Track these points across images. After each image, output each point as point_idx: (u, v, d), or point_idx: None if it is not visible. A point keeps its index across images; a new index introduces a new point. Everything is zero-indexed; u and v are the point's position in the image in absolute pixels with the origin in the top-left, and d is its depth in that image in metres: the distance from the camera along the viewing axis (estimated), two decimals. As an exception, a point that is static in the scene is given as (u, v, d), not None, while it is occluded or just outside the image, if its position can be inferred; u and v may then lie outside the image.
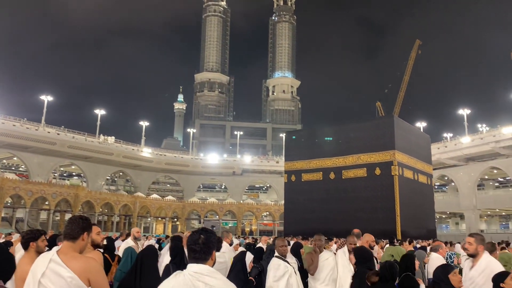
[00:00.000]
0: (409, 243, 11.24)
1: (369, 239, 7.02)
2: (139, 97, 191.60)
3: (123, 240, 10.94)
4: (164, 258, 6.58)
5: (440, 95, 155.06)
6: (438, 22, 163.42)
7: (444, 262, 8.41)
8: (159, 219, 56.72)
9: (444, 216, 63.53)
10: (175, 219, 58.17)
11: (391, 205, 23.63)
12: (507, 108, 74.45)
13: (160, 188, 65.90)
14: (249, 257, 6.55)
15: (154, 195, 56.01)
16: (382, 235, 15.70)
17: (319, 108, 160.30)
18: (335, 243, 11.97)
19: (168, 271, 5.27)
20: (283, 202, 34.05)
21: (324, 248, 6.63)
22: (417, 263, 5.56)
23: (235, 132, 73.63)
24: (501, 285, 3.90)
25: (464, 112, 54.09)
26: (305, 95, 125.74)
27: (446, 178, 57.49)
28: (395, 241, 12.34)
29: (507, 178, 51.70)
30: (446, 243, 13.76)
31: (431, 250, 8.87)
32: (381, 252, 10.36)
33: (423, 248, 10.12)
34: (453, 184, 56.58)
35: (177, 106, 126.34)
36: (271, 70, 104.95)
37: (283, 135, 39.82)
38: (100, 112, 54.18)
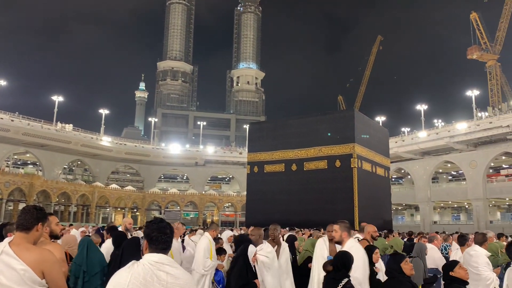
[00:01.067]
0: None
1: (371, 229, 6.71)
2: (100, 85, 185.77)
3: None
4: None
5: (400, 90, 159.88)
6: (399, 19, 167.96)
7: (439, 252, 8.69)
8: (119, 209, 55.61)
9: (400, 208, 65.90)
10: (135, 210, 57.25)
11: (350, 197, 24.25)
12: (462, 105, 77.69)
13: (119, 178, 64.51)
14: (252, 250, 6.11)
15: (114, 185, 54.82)
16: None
17: (283, 100, 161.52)
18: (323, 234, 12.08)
19: (118, 260, 5.12)
20: (245, 193, 34.19)
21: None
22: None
23: (198, 123, 72.99)
24: (451, 273, 4.09)
25: (421, 107, 56.06)
26: (270, 87, 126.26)
27: (402, 171, 59.52)
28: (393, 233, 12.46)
29: (459, 171, 54.12)
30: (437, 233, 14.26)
31: (428, 241, 9.09)
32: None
33: (410, 240, 10.12)
34: (409, 177, 58.69)
35: (138, 94, 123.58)
36: (236, 61, 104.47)
37: (246, 126, 39.85)
38: (57, 99, 52.25)
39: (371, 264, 5.07)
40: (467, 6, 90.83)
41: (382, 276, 5.23)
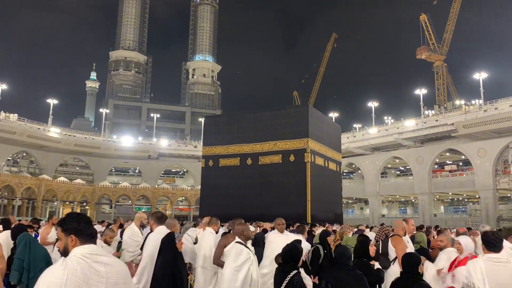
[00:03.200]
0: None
1: (403, 225, 6.27)
2: (48, 74, 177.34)
3: (119, 228, 10.23)
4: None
5: (352, 87, 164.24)
6: (354, 18, 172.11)
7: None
8: (67, 203, 53.51)
9: (350, 201, 67.88)
10: (85, 204, 55.34)
11: (303, 190, 24.65)
12: (410, 103, 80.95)
13: (68, 171, 62.02)
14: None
15: (62, 178, 52.58)
16: (294, 219, 16.27)
17: (239, 94, 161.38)
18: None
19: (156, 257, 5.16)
20: (200, 187, 33.90)
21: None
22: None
23: (152, 115, 71.43)
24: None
25: (372, 105, 57.90)
26: (226, 80, 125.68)
27: (353, 166, 61.30)
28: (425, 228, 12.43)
29: (407, 167, 56.43)
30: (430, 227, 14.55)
31: (426, 233, 9.18)
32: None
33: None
34: (359, 171, 60.55)
35: (89, 84, 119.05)
36: (192, 53, 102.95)
37: (202, 120, 39.45)
38: (1, 87, 49.37)
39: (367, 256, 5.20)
40: (417, 8, 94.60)
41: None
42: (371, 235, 9.97)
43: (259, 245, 7.55)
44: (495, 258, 4.03)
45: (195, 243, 7.64)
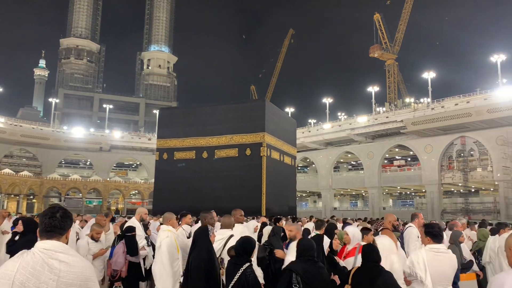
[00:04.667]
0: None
1: (392, 219, 6.59)
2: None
3: (111, 222, 9.80)
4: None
5: (308, 83, 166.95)
6: (310, 15, 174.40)
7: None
8: (12, 196, 50.95)
9: (304, 195, 69.18)
10: (31, 197, 52.92)
11: (258, 184, 24.87)
12: (363, 100, 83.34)
13: (14, 162, 58.90)
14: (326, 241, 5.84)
15: (7, 170, 49.89)
16: (249, 212, 16.40)
17: (196, 87, 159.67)
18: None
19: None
20: (153, 180, 33.34)
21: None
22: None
23: (104, 105, 69.25)
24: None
25: (327, 101, 59.19)
26: (182, 72, 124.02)
27: (308, 160, 62.44)
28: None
29: (358, 161, 58.19)
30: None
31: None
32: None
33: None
34: (313, 165, 61.80)
35: (37, 72, 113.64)
36: (147, 43, 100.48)
37: (157, 112, 38.69)
38: None
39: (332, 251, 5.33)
40: (372, 8, 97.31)
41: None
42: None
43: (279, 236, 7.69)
44: (436, 249, 4.29)
45: (188, 237, 7.57)
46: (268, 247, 5.80)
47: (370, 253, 4.18)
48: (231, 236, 5.53)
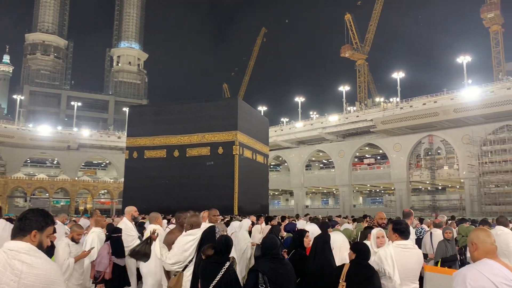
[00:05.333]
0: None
1: (378, 217, 6.63)
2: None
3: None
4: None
5: (281, 82, 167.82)
6: (284, 14, 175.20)
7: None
8: (-27, 197, 48.96)
9: (276, 193, 69.53)
10: (-6, 197, 51.00)
11: (231, 183, 24.80)
12: (334, 99, 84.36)
13: (-25, 162, 56.69)
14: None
15: (-33, 170, 48.00)
16: (222, 211, 16.30)
17: (167, 84, 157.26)
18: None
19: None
20: (123, 179, 32.73)
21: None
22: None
23: (72, 103, 67.49)
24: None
25: (299, 100, 59.63)
26: (154, 70, 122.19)
27: (280, 158, 62.77)
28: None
29: (329, 160, 58.91)
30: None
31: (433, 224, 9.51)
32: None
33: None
34: (286, 164, 62.17)
35: (1, 68, 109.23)
36: (117, 40, 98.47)
37: (126, 109, 37.99)
38: None
39: (302, 247, 5.26)
40: (343, 8, 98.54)
41: None
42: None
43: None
44: (403, 245, 4.36)
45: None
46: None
47: (366, 252, 4.19)
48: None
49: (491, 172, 40.31)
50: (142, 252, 5.66)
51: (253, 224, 10.88)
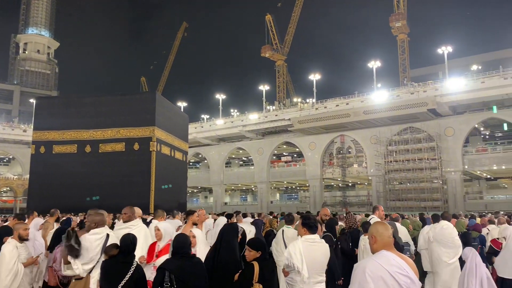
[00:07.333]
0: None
1: (322, 212, 6.94)
2: None
3: (56, 221, 8.84)
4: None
5: (202, 78, 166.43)
6: (205, 10, 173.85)
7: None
8: None
9: (195, 190, 69.03)
10: None
11: (147, 180, 24.10)
12: (255, 97, 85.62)
13: None
14: None
15: None
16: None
17: (80, 76, 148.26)
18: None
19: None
20: (28, 176, 30.34)
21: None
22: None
23: (-30, 92, 61.10)
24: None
25: (220, 97, 59.65)
26: (66, 60, 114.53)
27: (200, 155, 62.38)
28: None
29: (249, 157, 59.76)
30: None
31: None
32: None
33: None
34: (205, 161, 61.93)
35: None
36: (24, 25, 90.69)
37: (34, 101, 35.23)
38: None
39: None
40: (264, 8, 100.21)
41: None
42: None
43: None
44: (311, 239, 4.55)
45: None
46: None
47: (265, 245, 4.33)
48: (108, 235, 5.22)
49: (395, 170, 43.66)
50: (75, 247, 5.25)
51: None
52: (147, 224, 7.94)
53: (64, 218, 10.18)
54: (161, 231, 5.28)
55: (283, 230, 6.64)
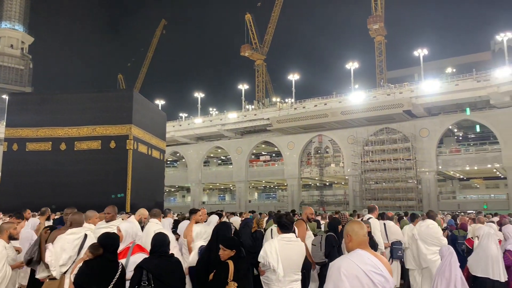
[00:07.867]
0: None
1: (308, 211, 6.96)
2: None
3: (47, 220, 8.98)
4: None
5: (180, 76, 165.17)
6: (184, 8, 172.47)
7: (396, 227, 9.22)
8: None
9: (173, 189, 68.45)
10: None
11: (123, 179, 23.77)
12: (234, 97, 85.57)
13: None
14: None
15: None
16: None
17: (56, 72, 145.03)
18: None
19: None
20: (0, 174, 29.50)
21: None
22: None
23: None
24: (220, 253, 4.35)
25: (198, 95, 59.34)
26: (41, 55, 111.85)
27: (178, 154, 61.90)
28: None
29: (228, 156, 59.68)
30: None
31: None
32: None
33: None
34: (183, 160, 61.50)
35: None
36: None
37: (6, 97, 34.27)
38: None
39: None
40: (244, 7, 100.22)
41: None
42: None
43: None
44: (286, 238, 4.59)
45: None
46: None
47: (239, 243, 4.40)
48: (86, 235, 5.14)
49: (371, 170, 44.35)
50: (36, 259, 5.09)
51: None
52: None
53: (57, 217, 10.04)
54: (122, 233, 4.91)
55: (271, 230, 6.71)
